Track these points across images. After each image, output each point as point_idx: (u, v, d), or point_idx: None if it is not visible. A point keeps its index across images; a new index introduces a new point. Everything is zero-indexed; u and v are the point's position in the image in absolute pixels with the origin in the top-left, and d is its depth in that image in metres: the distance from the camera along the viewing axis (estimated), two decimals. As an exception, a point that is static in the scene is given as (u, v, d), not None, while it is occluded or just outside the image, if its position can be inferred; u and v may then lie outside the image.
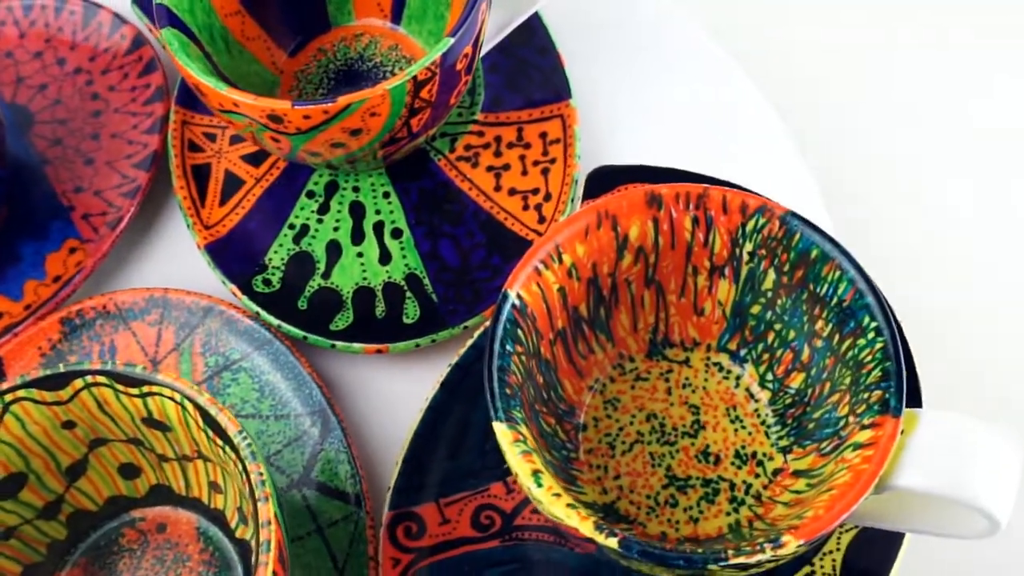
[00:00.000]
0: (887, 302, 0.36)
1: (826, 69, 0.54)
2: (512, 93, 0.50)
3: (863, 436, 0.35)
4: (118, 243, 0.48)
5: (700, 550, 0.33)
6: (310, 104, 0.40)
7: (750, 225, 0.38)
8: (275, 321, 0.45)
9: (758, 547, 0.32)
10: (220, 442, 0.36)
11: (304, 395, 0.43)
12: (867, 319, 0.36)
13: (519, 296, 0.37)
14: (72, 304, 0.46)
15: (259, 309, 0.45)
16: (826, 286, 0.37)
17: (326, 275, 0.46)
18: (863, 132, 0.52)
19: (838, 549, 0.40)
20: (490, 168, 0.48)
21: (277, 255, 0.47)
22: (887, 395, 0.34)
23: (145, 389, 0.36)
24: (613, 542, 0.33)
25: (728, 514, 0.40)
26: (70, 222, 0.48)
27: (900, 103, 0.53)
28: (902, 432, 0.34)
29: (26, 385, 0.36)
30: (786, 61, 0.54)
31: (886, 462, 0.33)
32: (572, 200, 0.47)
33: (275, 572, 0.33)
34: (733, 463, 0.41)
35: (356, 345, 0.44)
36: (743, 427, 0.42)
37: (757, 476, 0.41)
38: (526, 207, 0.47)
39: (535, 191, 0.47)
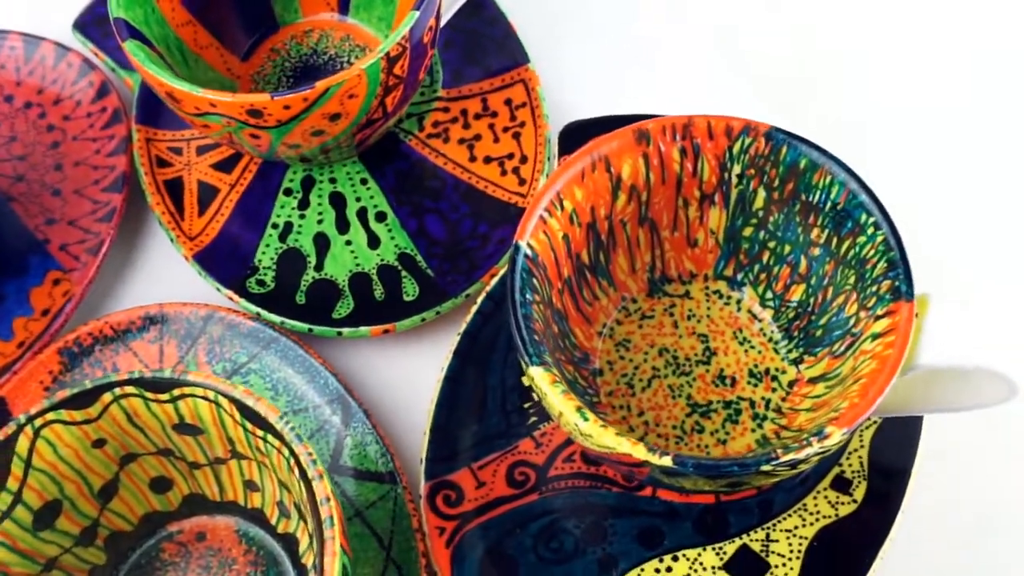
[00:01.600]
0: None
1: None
2: (470, 66, 0.50)
3: (880, 326, 0.36)
4: (103, 267, 0.47)
5: (751, 455, 0.34)
6: (289, 94, 0.40)
7: (736, 147, 0.40)
8: (277, 319, 0.45)
9: (805, 442, 0.34)
10: (260, 432, 0.36)
11: (319, 385, 0.44)
12: (864, 216, 0.37)
13: (530, 246, 0.38)
14: (67, 334, 0.45)
15: (259, 309, 0.45)
16: (818, 193, 0.39)
17: (319, 267, 0.46)
18: (819, 57, 0.53)
19: (862, 446, 0.42)
20: (461, 140, 0.49)
21: (266, 255, 0.47)
22: (897, 283, 0.36)
23: (176, 393, 0.36)
24: (667, 460, 0.34)
25: (753, 431, 0.42)
26: (48, 255, 0.47)
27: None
28: (916, 315, 0.36)
29: (55, 407, 0.36)
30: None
31: (908, 344, 0.35)
32: (549, 159, 0.48)
33: (342, 546, 0.33)
34: (749, 382, 0.42)
35: (363, 329, 0.44)
36: (752, 347, 0.43)
37: (774, 391, 0.42)
38: (504, 172, 0.48)
39: (510, 156, 0.48)
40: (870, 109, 0.51)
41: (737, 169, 0.40)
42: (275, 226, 0.47)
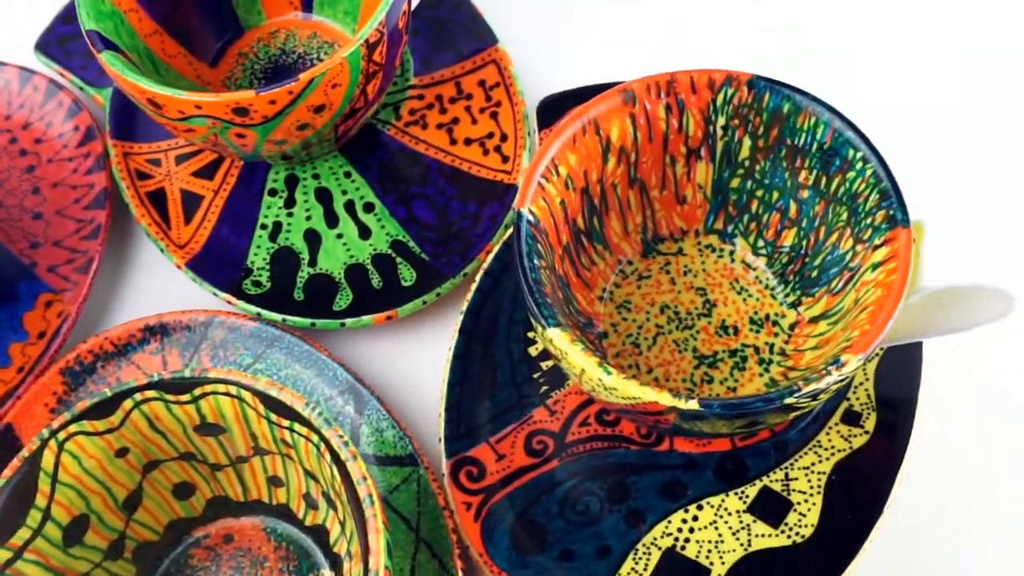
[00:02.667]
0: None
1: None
2: (439, 52, 0.51)
3: (879, 255, 0.37)
4: (96, 284, 0.47)
5: (774, 390, 0.35)
6: (274, 88, 0.40)
7: (720, 99, 0.41)
8: (278, 317, 0.45)
9: (823, 371, 0.35)
10: (286, 422, 0.36)
11: (328, 377, 0.44)
12: (852, 152, 0.39)
13: (531, 212, 0.38)
14: (67, 353, 0.45)
15: (259, 310, 0.45)
16: (803, 135, 0.40)
17: (312, 263, 0.46)
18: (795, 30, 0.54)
19: (867, 379, 0.43)
20: (440, 125, 0.49)
21: (258, 256, 0.47)
22: (891, 211, 0.37)
23: (197, 392, 0.36)
24: (693, 404, 0.34)
25: (761, 375, 0.42)
26: (36, 278, 0.47)
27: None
28: (914, 241, 0.37)
29: (77, 418, 0.35)
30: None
31: (910, 269, 0.36)
32: (529, 134, 0.48)
33: (383, 523, 0.34)
34: (751, 329, 0.43)
35: (365, 318, 0.44)
36: (750, 295, 0.44)
37: (776, 335, 0.43)
38: (486, 152, 0.48)
39: (490, 135, 0.49)
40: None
41: (722, 121, 0.41)
42: (264, 227, 0.47)
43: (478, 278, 0.45)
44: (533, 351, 0.44)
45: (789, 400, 0.34)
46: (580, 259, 0.43)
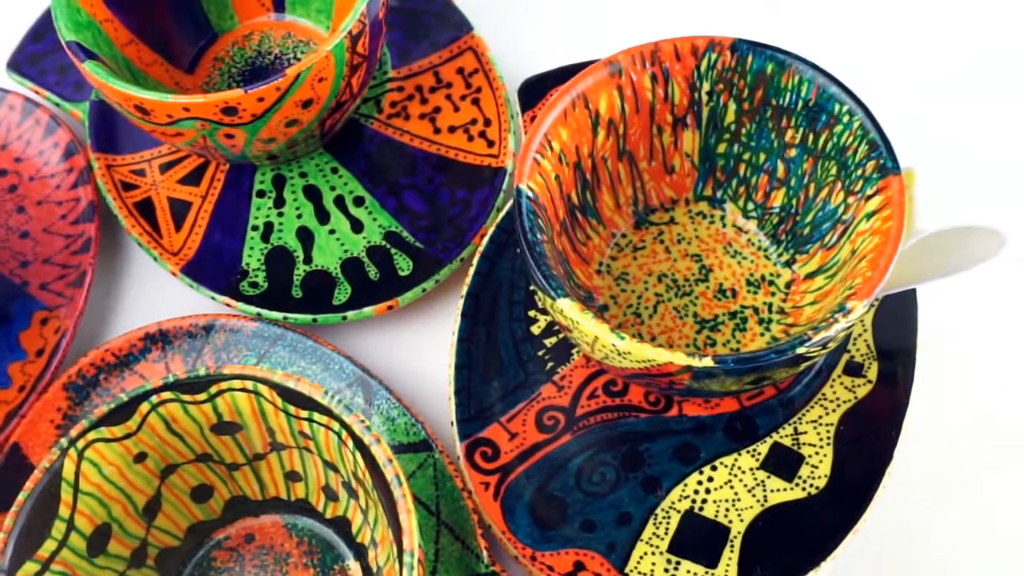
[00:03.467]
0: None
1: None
2: (415, 43, 0.51)
3: (873, 204, 0.38)
4: (91, 297, 0.46)
5: (784, 342, 0.35)
6: (262, 85, 0.40)
7: (703, 65, 0.41)
8: (279, 315, 0.45)
9: (831, 319, 0.35)
10: (305, 413, 0.36)
11: (335, 371, 0.44)
12: (837, 107, 0.39)
13: (530, 188, 0.39)
14: (69, 368, 0.44)
15: (258, 310, 0.45)
16: (788, 94, 0.41)
17: (307, 260, 0.47)
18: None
19: (865, 330, 0.43)
20: (422, 116, 0.50)
21: (252, 258, 0.47)
22: (882, 160, 0.38)
23: (213, 390, 0.36)
24: (708, 361, 0.35)
25: (762, 334, 0.43)
26: (29, 296, 0.46)
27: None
28: (906, 187, 0.38)
29: (95, 425, 0.35)
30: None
31: (905, 215, 0.37)
32: (512, 117, 0.49)
33: (413, 504, 0.34)
34: (748, 291, 0.44)
35: (366, 309, 0.45)
36: (744, 258, 0.45)
37: (773, 294, 0.44)
38: (471, 138, 0.49)
39: (473, 122, 0.49)
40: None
41: (706, 87, 0.42)
42: (255, 228, 0.47)
43: (475, 261, 0.45)
44: (536, 329, 0.45)
45: (800, 350, 0.35)
46: (576, 234, 0.43)
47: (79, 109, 0.50)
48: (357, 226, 0.47)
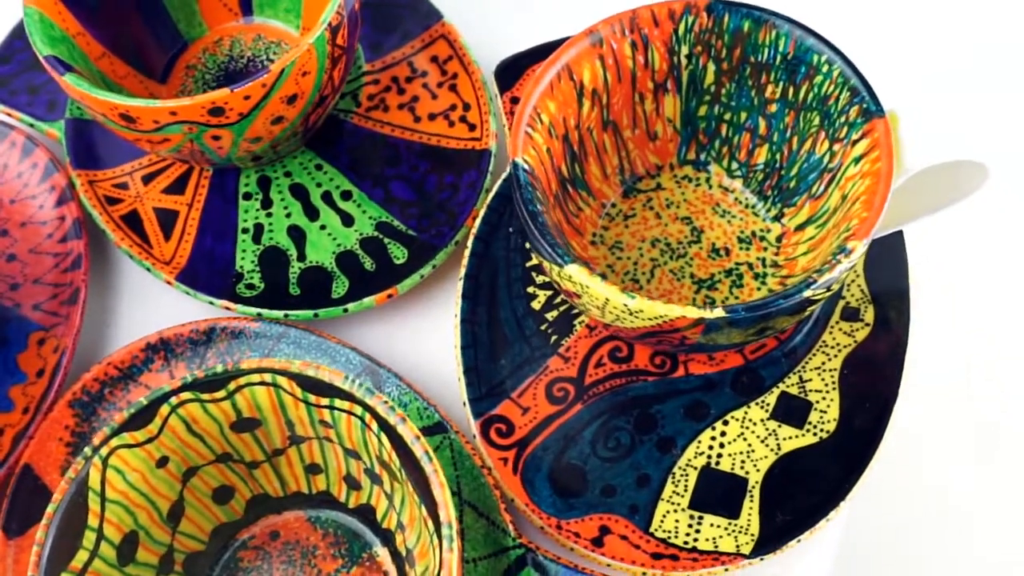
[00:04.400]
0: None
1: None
2: (386, 35, 0.51)
3: (860, 148, 0.39)
4: (86, 314, 0.46)
5: (791, 286, 0.36)
6: (247, 82, 0.40)
7: (681, 28, 0.42)
8: (279, 313, 0.45)
9: (833, 261, 0.36)
10: (325, 401, 0.36)
11: (342, 363, 0.44)
12: (816, 57, 0.40)
13: (525, 160, 0.39)
14: (73, 384, 0.44)
15: (259, 310, 0.45)
16: (766, 50, 0.42)
17: (301, 257, 0.47)
18: None
19: (858, 275, 0.45)
20: (401, 106, 0.50)
21: (246, 260, 0.47)
22: (865, 104, 0.39)
23: (232, 387, 0.36)
24: (719, 311, 0.36)
25: (759, 289, 0.44)
26: (23, 318, 0.46)
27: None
28: (891, 129, 0.39)
29: (117, 431, 0.35)
30: None
31: (893, 155, 0.38)
32: (491, 99, 0.49)
33: (443, 479, 0.34)
34: (741, 248, 0.45)
35: (367, 300, 0.45)
36: (733, 216, 0.45)
37: (765, 249, 0.45)
38: (452, 124, 0.49)
39: (452, 107, 0.49)
40: None
41: (685, 50, 0.43)
42: (245, 231, 0.47)
43: (470, 243, 0.46)
44: (536, 305, 0.45)
45: (807, 293, 0.36)
46: (568, 207, 0.44)
47: (54, 128, 0.49)
48: (347, 220, 0.47)
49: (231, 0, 0.51)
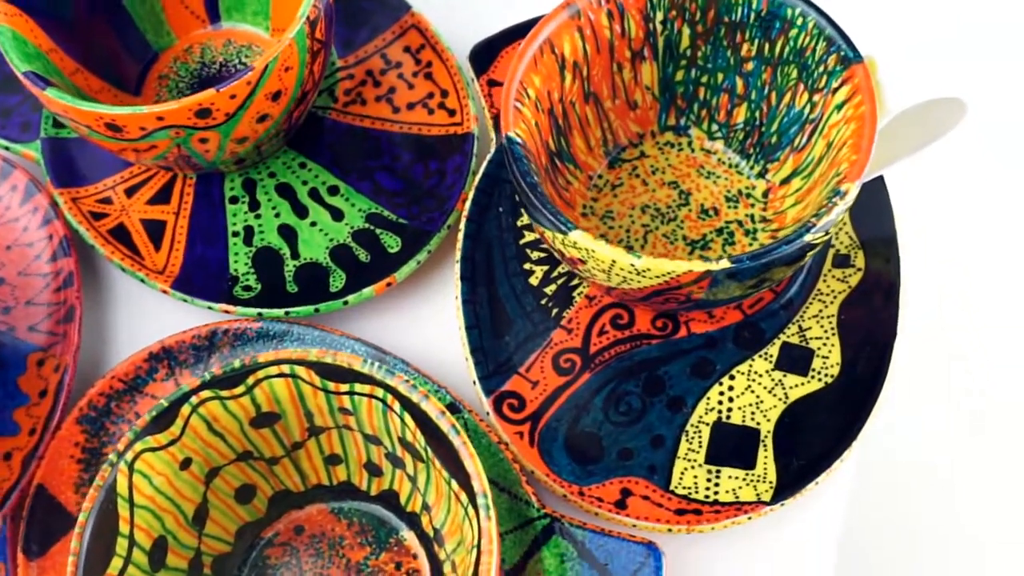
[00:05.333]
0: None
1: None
2: (356, 31, 0.51)
3: (841, 95, 0.40)
4: (84, 330, 0.46)
5: (792, 232, 0.37)
6: (232, 81, 0.40)
7: (655, -6, 0.43)
8: (280, 311, 0.45)
9: (828, 204, 0.37)
10: (345, 387, 0.36)
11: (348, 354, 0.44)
12: (789, 11, 0.41)
13: (516, 135, 0.40)
14: (79, 401, 0.44)
15: (259, 310, 0.45)
16: (740, 9, 0.42)
17: (295, 255, 0.47)
18: None
19: (845, 223, 0.46)
20: (378, 98, 0.50)
21: (239, 263, 0.46)
22: (842, 53, 0.40)
23: (251, 381, 0.36)
24: (725, 263, 0.36)
25: (751, 244, 0.45)
26: (19, 340, 0.45)
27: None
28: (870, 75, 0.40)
29: (140, 435, 0.35)
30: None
31: (876, 97, 0.39)
32: (469, 83, 0.50)
33: (472, 451, 0.34)
34: (729, 207, 0.46)
35: (366, 290, 0.45)
36: (718, 177, 0.46)
37: (753, 206, 0.46)
38: (431, 111, 0.49)
39: (430, 95, 0.50)
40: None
41: (660, 16, 0.43)
42: (236, 234, 0.47)
43: (462, 226, 0.46)
44: (533, 281, 0.46)
45: (807, 237, 0.37)
46: (558, 180, 0.45)
47: (30, 149, 0.49)
48: (337, 214, 0.47)
49: (198, 8, 0.51)
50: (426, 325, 0.46)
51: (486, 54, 0.49)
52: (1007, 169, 0.48)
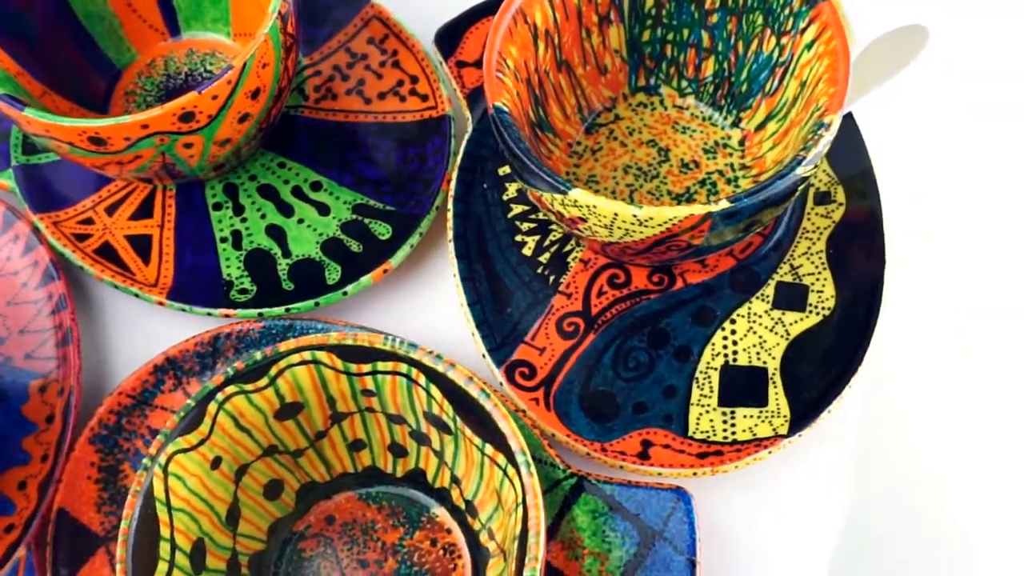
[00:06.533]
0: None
1: None
2: (318, 28, 0.52)
3: (810, 34, 0.41)
4: (83, 351, 0.45)
5: (784, 166, 0.38)
6: (213, 82, 0.40)
7: (618, -44, 0.44)
8: (280, 309, 0.45)
9: (814, 136, 0.38)
10: (368, 367, 0.37)
11: (354, 344, 0.44)
12: (750, -41, 0.43)
13: (503, 103, 0.40)
14: (89, 421, 0.43)
15: (259, 310, 0.45)
16: (701, -38, 0.44)
17: (287, 254, 0.47)
18: None
19: (822, 160, 0.47)
20: (349, 91, 0.50)
21: (232, 267, 0.46)
22: (807, -9, 0.41)
23: (273, 372, 0.36)
24: (724, 203, 0.37)
25: (734, 192, 0.46)
26: (17, 370, 0.45)
27: None
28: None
29: (171, 437, 0.35)
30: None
31: (845, 31, 0.40)
32: (437, 66, 0.50)
33: (505, 411, 0.35)
34: (708, 158, 0.47)
35: (364, 279, 0.45)
36: (693, 131, 0.47)
37: (731, 155, 0.47)
38: (403, 99, 0.50)
39: (400, 83, 0.50)
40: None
41: (623, -23, 0.44)
42: (224, 240, 0.47)
43: (450, 206, 0.46)
44: (527, 251, 0.46)
45: (799, 170, 0.38)
46: (540, 150, 0.45)
47: (3, 178, 0.48)
48: (323, 209, 0.48)
49: (156, 21, 0.51)
50: (427, 307, 0.47)
51: (451, 36, 0.50)
52: (971, 98, 0.49)
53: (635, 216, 0.38)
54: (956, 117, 0.49)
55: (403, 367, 0.36)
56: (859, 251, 0.45)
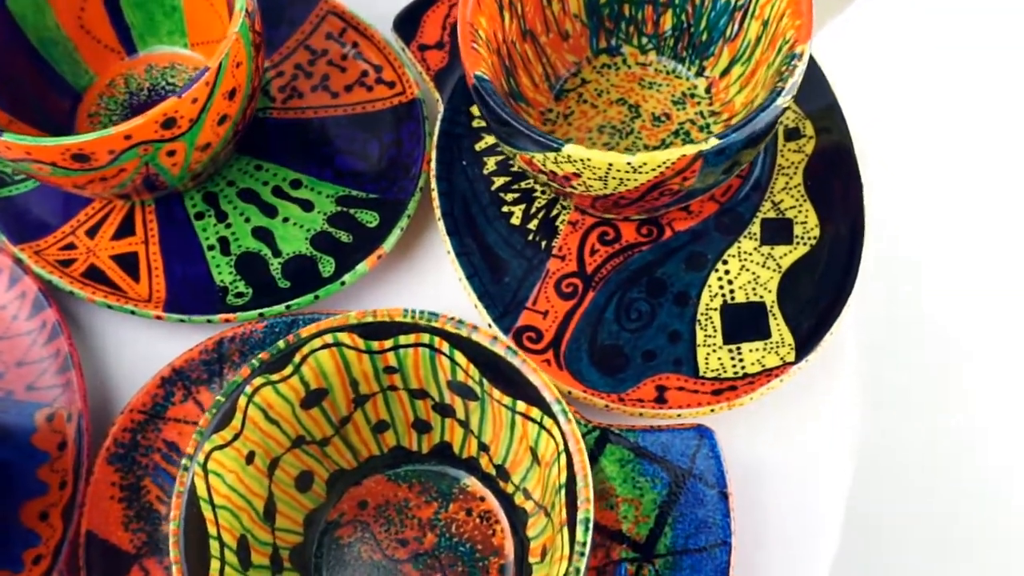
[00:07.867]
0: None
1: None
2: (275, 29, 0.52)
3: (767, -27, 0.43)
4: (85, 373, 0.45)
5: (765, 99, 0.39)
6: (191, 86, 0.40)
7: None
8: (280, 307, 0.45)
9: (789, 67, 0.40)
10: (389, 342, 0.37)
11: (360, 331, 0.44)
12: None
13: (483, 72, 0.41)
14: (103, 442, 0.43)
15: (259, 311, 0.45)
16: (651, -83, 0.45)
17: (277, 253, 0.47)
18: None
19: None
20: (314, 88, 0.51)
21: (224, 273, 0.46)
22: (760, -67, 0.43)
23: (297, 359, 0.37)
24: (714, 141, 0.38)
25: (708, 137, 0.47)
26: (19, 403, 0.44)
27: None
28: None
29: (207, 435, 0.35)
30: None
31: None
32: (400, 52, 0.50)
33: (534, 364, 0.36)
34: (678, 110, 0.48)
35: (360, 266, 0.45)
36: (660, 85, 0.48)
37: (699, 103, 0.48)
38: (370, 88, 0.50)
39: (364, 74, 0.50)
40: None
41: (577, -59, 0.45)
42: (211, 248, 0.47)
43: (434, 184, 0.47)
44: (515, 221, 0.47)
45: (779, 101, 0.39)
46: (517, 119, 0.46)
47: (-24, 215, 0.48)
48: (307, 205, 0.48)
49: (111, 41, 0.51)
50: (425, 287, 0.47)
51: (410, 21, 0.50)
52: (925, 26, 0.51)
53: (629, 163, 0.38)
54: (913, 43, 0.51)
55: (425, 337, 0.37)
56: (835, 179, 0.46)
